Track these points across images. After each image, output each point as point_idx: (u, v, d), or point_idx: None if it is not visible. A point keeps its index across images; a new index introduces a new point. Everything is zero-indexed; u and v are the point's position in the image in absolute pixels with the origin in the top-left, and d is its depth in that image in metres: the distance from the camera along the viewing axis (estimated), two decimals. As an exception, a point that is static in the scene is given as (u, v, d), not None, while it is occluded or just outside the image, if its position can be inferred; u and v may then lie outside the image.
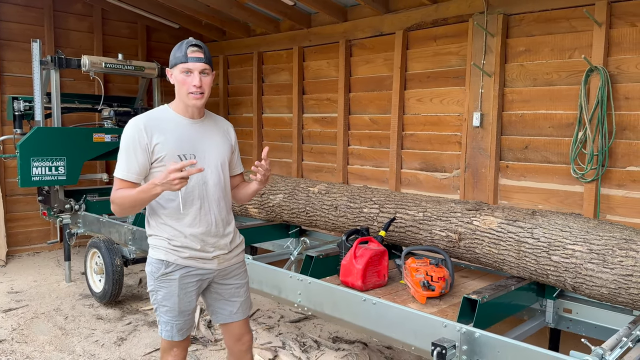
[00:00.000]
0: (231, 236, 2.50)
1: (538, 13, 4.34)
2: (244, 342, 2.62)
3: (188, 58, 2.26)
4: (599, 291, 2.51)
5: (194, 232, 2.35)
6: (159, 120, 2.33)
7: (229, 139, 2.55)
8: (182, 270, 2.37)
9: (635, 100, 3.87)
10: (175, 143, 2.31)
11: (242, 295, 2.59)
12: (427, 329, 2.63)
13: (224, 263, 2.48)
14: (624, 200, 3.95)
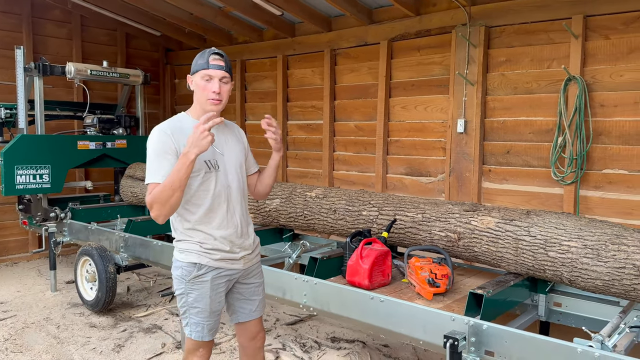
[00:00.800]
0: (252, 236, 2.60)
1: (518, 25, 4.60)
2: (259, 339, 2.71)
3: (210, 65, 2.35)
4: (594, 283, 2.72)
5: (223, 234, 2.43)
6: (182, 127, 2.40)
7: (243, 142, 2.65)
8: (213, 272, 2.45)
9: (609, 108, 4.16)
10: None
11: (260, 293, 2.68)
12: (435, 323, 2.78)
13: (248, 263, 2.57)
14: (600, 201, 4.23)
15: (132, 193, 5.71)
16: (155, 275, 6.06)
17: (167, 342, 4.18)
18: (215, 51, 2.41)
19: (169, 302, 5.14)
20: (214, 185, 2.41)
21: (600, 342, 2.38)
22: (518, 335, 2.54)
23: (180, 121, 2.45)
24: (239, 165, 2.54)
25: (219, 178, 2.42)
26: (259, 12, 5.87)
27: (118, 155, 6.10)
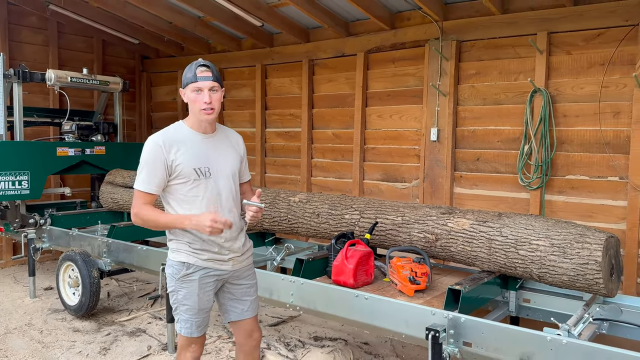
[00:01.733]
0: (243, 240, 2.74)
1: (487, 40, 4.90)
2: (255, 338, 2.85)
3: (197, 78, 2.49)
4: (560, 279, 2.98)
5: (211, 237, 2.56)
6: (176, 137, 2.56)
7: (239, 150, 2.79)
8: (201, 271, 2.59)
9: (571, 118, 4.48)
10: (192, 158, 2.53)
11: (252, 294, 2.83)
12: (417, 317, 2.98)
13: (237, 265, 2.71)
14: (564, 205, 4.54)
15: (112, 199, 5.75)
16: (134, 281, 6.10)
17: (153, 345, 4.27)
18: (201, 63, 2.55)
19: (150, 306, 5.21)
20: (204, 191, 2.56)
21: (567, 331, 2.63)
22: (493, 326, 2.77)
23: (176, 131, 2.60)
24: (231, 174, 2.68)
25: (209, 185, 2.57)
26: (239, 22, 6.03)
27: (97, 162, 6.14)
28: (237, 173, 2.75)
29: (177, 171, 2.50)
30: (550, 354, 2.56)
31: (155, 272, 4.42)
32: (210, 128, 2.63)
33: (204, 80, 2.48)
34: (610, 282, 2.94)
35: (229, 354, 4.09)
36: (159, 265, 4.19)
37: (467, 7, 4.96)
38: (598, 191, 4.39)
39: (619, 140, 4.27)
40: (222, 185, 2.61)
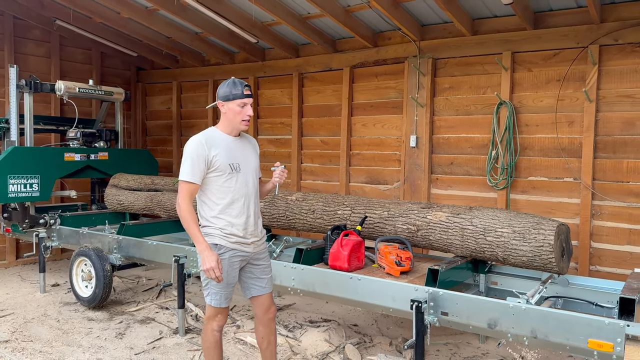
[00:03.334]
0: (261, 227, 3.28)
1: (459, 58, 5.55)
2: (271, 311, 3.34)
3: (244, 95, 3.06)
4: (521, 260, 3.58)
5: (239, 222, 3.10)
6: (214, 138, 3.10)
7: (257, 151, 3.36)
8: (230, 252, 3.12)
9: (532, 127, 5.14)
10: (227, 155, 3.08)
11: (268, 273, 3.34)
12: (402, 293, 3.55)
13: (257, 248, 3.24)
14: (527, 203, 5.19)
15: (117, 201, 6.19)
16: (136, 277, 6.53)
17: (163, 330, 4.73)
18: (245, 84, 3.12)
19: (156, 298, 5.67)
20: (235, 183, 3.10)
21: (526, 300, 3.22)
22: (466, 297, 3.35)
23: (213, 134, 3.14)
24: (254, 170, 3.24)
25: (239, 178, 3.11)
26: (233, 38, 6.56)
27: (100, 167, 6.57)
28: (258, 169, 3.31)
29: (215, 165, 3.04)
30: (512, 318, 3.16)
31: (165, 265, 4.92)
32: (237, 133, 3.19)
33: (249, 97, 3.08)
34: (561, 261, 3.55)
35: (233, 336, 4.58)
36: (171, 257, 4.68)
37: (441, 29, 5.60)
38: (555, 190, 5.05)
39: (573, 146, 4.94)
40: (249, 178, 3.16)
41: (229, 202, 3.11)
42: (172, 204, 5.65)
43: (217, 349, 3.24)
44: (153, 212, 5.93)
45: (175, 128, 8.09)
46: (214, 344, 3.22)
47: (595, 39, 4.74)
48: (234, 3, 5.78)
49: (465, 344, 4.52)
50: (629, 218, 4.71)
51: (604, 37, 4.71)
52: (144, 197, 5.92)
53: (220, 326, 3.23)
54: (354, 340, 4.43)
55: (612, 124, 4.76)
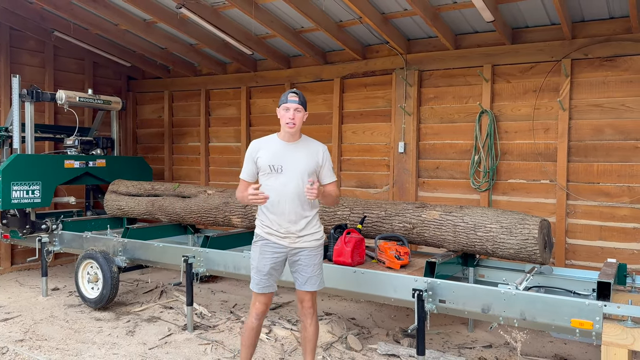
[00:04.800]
0: (303, 226, 3.46)
1: (443, 70, 5.98)
2: (305, 307, 3.56)
3: (288, 100, 3.39)
4: (508, 252, 3.98)
5: (273, 217, 3.43)
6: (266, 142, 3.50)
7: (316, 157, 3.51)
8: (263, 241, 3.48)
9: (511, 134, 5.60)
10: (270, 157, 3.41)
11: (308, 272, 3.52)
12: (403, 284, 3.91)
13: (293, 244, 3.47)
14: (507, 204, 5.63)
15: (117, 206, 6.40)
16: (135, 281, 6.73)
17: (172, 327, 4.97)
18: (293, 91, 3.45)
19: (158, 298, 5.89)
20: (274, 182, 3.42)
21: (515, 287, 3.61)
22: (462, 286, 3.74)
23: (269, 139, 3.53)
24: (300, 173, 3.41)
25: (279, 178, 3.41)
26: (227, 49, 6.87)
27: (98, 174, 6.76)
28: (313, 173, 3.47)
29: (259, 165, 3.43)
30: (503, 303, 3.54)
31: (172, 265, 5.17)
32: (292, 138, 3.47)
33: (291, 102, 3.37)
34: (544, 252, 3.97)
35: (239, 331, 4.85)
36: (178, 258, 4.94)
37: (426, 43, 6.03)
38: (533, 192, 5.50)
39: (549, 151, 5.40)
40: (290, 179, 3.40)
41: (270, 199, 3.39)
42: (174, 208, 5.90)
43: (251, 334, 3.55)
44: (154, 216, 6.15)
45: (167, 136, 8.31)
46: (249, 329, 3.55)
47: (568, 53, 5.22)
48: (232, 17, 6.09)
49: (455, 333, 4.90)
50: (600, 216, 5.18)
51: (575, 52, 5.20)
52: (145, 202, 6.15)
53: (258, 314, 3.53)
54: (354, 331, 4.77)
55: (583, 130, 5.24)
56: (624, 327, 3.17)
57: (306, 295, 3.57)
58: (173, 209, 5.89)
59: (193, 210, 5.73)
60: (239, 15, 5.97)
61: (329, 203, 3.63)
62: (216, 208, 5.57)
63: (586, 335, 3.33)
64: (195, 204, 5.73)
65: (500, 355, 4.31)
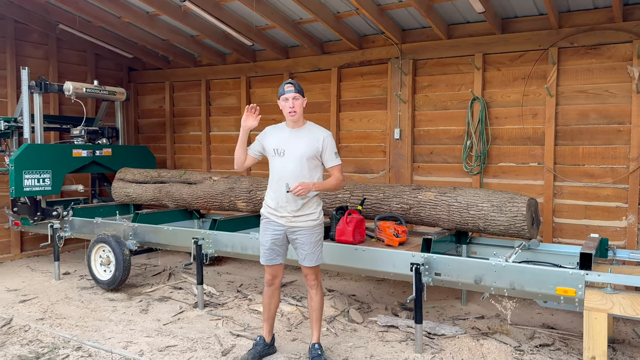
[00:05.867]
0: (299, 206, 3.73)
1: (436, 59, 6.25)
2: (309, 280, 3.88)
3: (285, 91, 3.69)
4: (499, 229, 4.29)
5: (273, 196, 3.77)
6: (275, 129, 3.87)
7: (317, 143, 3.75)
8: (265, 219, 3.84)
9: (501, 119, 5.89)
10: (274, 142, 3.77)
11: (306, 250, 3.80)
12: (402, 260, 4.21)
13: (290, 223, 3.77)
14: (498, 186, 5.93)
15: (125, 193, 6.65)
16: (142, 265, 7.00)
17: (183, 306, 5.25)
18: (288, 82, 3.75)
19: (167, 280, 6.17)
20: (277, 164, 3.76)
21: (505, 259, 3.92)
22: (455, 259, 4.05)
23: (279, 126, 3.89)
24: (302, 157, 3.68)
25: (282, 161, 3.73)
26: (227, 40, 7.09)
27: (104, 162, 7.00)
28: (313, 158, 3.72)
29: (266, 148, 3.79)
30: (494, 274, 3.86)
31: (182, 248, 5.45)
32: (295, 125, 3.78)
33: (289, 92, 3.68)
34: (532, 229, 4.29)
35: (247, 308, 5.15)
36: (188, 241, 5.22)
37: (420, 33, 6.29)
38: (522, 174, 5.81)
39: (537, 135, 5.70)
40: (290, 163, 3.69)
41: (271, 179, 3.81)
42: (180, 194, 6.16)
43: (265, 299, 3.96)
44: (161, 202, 6.41)
45: (168, 125, 8.54)
46: (264, 295, 3.99)
47: (555, 42, 5.51)
48: (233, 9, 6.31)
49: (449, 307, 5.23)
50: (585, 196, 5.50)
51: (562, 41, 5.48)
52: (152, 189, 6.40)
53: (267, 282, 3.93)
54: (355, 306, 5.08)
55: (569, 115, 5.54)
56: (604, 294, 3.48)
57: (307, 269, 3.87)
58: (180, 195, 6.15)
59: (199, 196, 6.00)
60: (240, 8, 6.19)
61: (331, 189, 3.87)
62: (222, 193, 5.84)
63: (570, 302, 3.65)
64: (202, 190, 5.99)
65: (491, 324, 4.64)
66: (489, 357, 3.97)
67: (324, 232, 4.80)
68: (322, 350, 3.87)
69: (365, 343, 4.29)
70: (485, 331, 4.47)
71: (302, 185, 3.57)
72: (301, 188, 3.56)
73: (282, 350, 4.13)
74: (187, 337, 4.41)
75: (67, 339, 4.38)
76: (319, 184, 3.73)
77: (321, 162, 3.82)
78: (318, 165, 3.79)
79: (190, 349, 4.15)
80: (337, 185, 3.86)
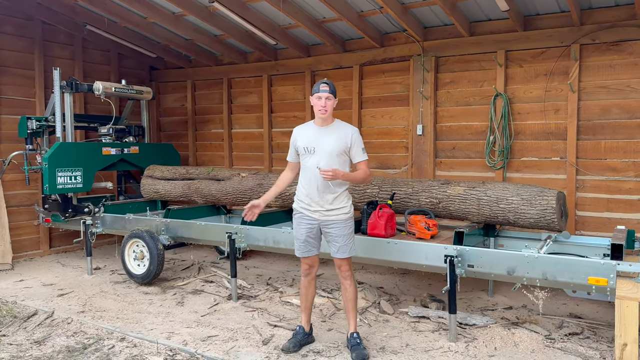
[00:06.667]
0: (331, 201, 3.89)
1: (459, 56, 6.37)
2: (342, 271, 4.02)
3: (320, 90, 3.82)
4: (529, 221, 4.42)
5: (305, 192, 3.93)
6: (304, 129, 4.00)
7: (345, 139, 3.89)
8: (298, 214, 4.00)
9: (524, 115, 6.01)
10: (305, 140, 3.90)
11: (339, 242, 3.95)
12: (434, 252, 4.34)
13: (322, 217, 3.93)
14: (520, 180, 6.05)
15: (154, 190, 6.81)
16: (170, 259, 7.16)
17: (216, 298, 5.41)
18: (324, 81, 3.89)
19: (197, 274, 6.33)
20: (307, 161, 3.90)
21: (537, 250, 4.06)
22: (488, 251, 4.18)
23: (306, 125, 4.02)
24: (332, 153, 3.83)
25: (312, 158, 3.87)
26: (250, 40, 7.23)
27: (132, 160, 7.16)
28: (343, 153, 3.88)
29: (298, 147, 3.93)
30: (527, 265, 3.98)
31: (214, 242, 5.62)
32: (324, 123, 3.91)
33: (323, 92, 3.82)
34: (561, 221, 4.42)
35: (279, 300, 5.30)
36: (220, 235, 5.38)
37: (442, 31, 6.41)
38: (545, 168, 5.93)
39: (559, 130, 5.82)
40: (320, 159, 3.84)
41: (303, 176, 3.96)
42: (209, 190, 6.32)
43: (302, 289, 4.14)
44: (190, 198, 6.57)
45: (190, 124, 8.70)
46: (301, 285, 4.16)
47: (576, 39, 5.62)
48: (257, 9, 6.45)
49: (476, 298, 5.37)
50: (607, 189, 5.62)
51: (583, 38, 5.59)
52: (181, 185, 6.56)
53: (303, 272, 4.11)
54: (385, 298, 5.22)
55: (591, 110, 5.66)
56: (635, 283, 3.61)
57: (341, 261, 4.01)
58: (209, 191, 6.30)
59: (228, 192, 6.15)
60: (264, 8, 6.33)
61: (359, 181, 4.03)
62: (251, 189, 5.99)
63: (601, 291, 3.78)
64: (230, 186, 6.15)
65: (520, 315, 4.77)
66: (521, 345, 4.11)
67: (358, 225, 5.01)
68: (360, 339, 4.01)
69: (399, 333, 4.43)
70: (515, 321, 4.60)
71: (333, 170, 3.71)
72: (331, 172, 3.69)
73: (319, 339, 4.28)
74: (226, 327, 4.57)
75: (110, 331, 4.54)
76: (347, 174, 3.86)
77: (349, 157, 3.96)
78: (347, 160, 3.96)
79: (232, 339, 4.31)
80: (365, 179, 4.01)
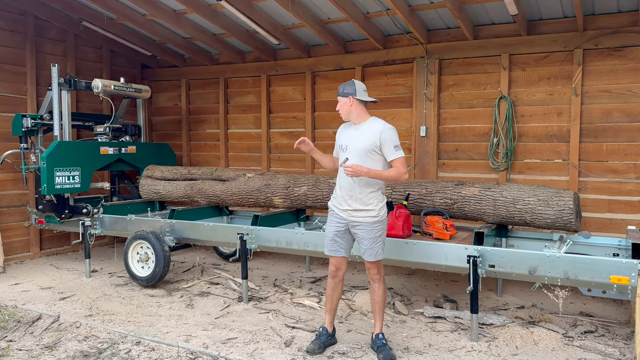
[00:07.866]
0: (361, 201, 3.87)
1: (462, 59, 6.45)
2: (371, 273, 4.01)
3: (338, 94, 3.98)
4: (545, 222, 4.50)
5: (337, 190, 3.97)
6: (343, 127, 4.13)
7: (374, 137, 3.85)
8: (331, 211, 4.02)
9: (527, 117, 6.12)
10: (341, 139, 4.01)
11: (366, 245, 3.92)
12: (454, 253, 4.38)
13: (350, 217, 3.91)
14: (523, 182, 6.15)
15: (154, 190, 6.66)
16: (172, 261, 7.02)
17: (226, 300, 5.32)
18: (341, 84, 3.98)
19: (200, 276, 6.22)
20: (340, 158, 3.94)
21: (557, 249, 4.13)
22: (510, 251, 4.23)
23: (347, 124, 4.10)
24: (363, 151, 3.82)
25: (343, 155, 3.92)
26: (250, 39, 7.16)
27: (129, 159, 7.00)
28: (374, 151, 3.84)
29: (338, 145, 4.00)
30: (548, 265, 4.05)
31: (223, 243, 5.54)
32: (356, 121, 3.97)
33: (338, 96, 4.00)
34: (577, 221, 4.51)
35: (290, 301, 5.26)
36: (230, 236, 5.30)
37: (445, 34, 6.47)
38: (548, 170, 6.05)
39: (562, 133, 5.95)
40: (352, 156, 3.84)
41: (338, 173, 4.02)
42: (214, 191, 6.22)
43: (329, 290, 4.10)
44: (192, 199, 6.45)
45: (184, 123, 8.55)
46: (327, 286, 4.13)
47: (580, 44, 5.75)
48: (262, 8, 6.39)
49: (485, 298, 5.43)
50: (609, 191, 5.77)
51: (586, 43, 5.73)
52: (184, 185, 6.44)
53: (330, 273, 4.07)
54: (397, 298, 5.23)
55: (593, 114, 5.80)
56: (656, 281, 3.72)
57: (369, 264, 3.99)
58: (213, 192, 6.21)
59: (234, 193, 6.07)
60: (269, 7, 6.28)
61: (389, 179, 3.92)
62: (258, 190, 5.92)
63: (622, 290, 3.87)
64: (236, 187, 6.06)
65: (532, 314, 4.85)
66: (541, 344, 4.17)
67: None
68: (386, 340, 4.01)
69: (419, 333, 4.44)
70: (530, 320, 4.67)
71: (353, 166, 3.69)
72: (351, 168, 3.68)
73: (341, 340, 4.25)
74: (244, 329, 4.50)
75: (124, 334, 4.41)
76: (373, 170, 3.77)
77: (382, 155, 3.90)
78: (379, 159, 3.87)
79: (252, 341, 4.24)
80: (397, 177, 3.87)
